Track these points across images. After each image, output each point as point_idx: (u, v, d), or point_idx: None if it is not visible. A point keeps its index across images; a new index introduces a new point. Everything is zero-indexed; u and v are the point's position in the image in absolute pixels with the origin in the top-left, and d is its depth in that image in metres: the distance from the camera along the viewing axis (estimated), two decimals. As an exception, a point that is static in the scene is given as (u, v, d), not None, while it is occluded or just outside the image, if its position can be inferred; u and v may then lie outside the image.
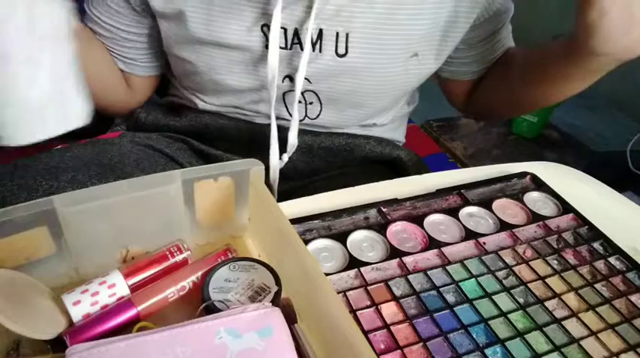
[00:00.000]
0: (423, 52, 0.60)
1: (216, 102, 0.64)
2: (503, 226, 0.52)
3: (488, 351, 0.39)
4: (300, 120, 0.63)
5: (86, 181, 0.54)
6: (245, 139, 0.66)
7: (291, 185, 0.69)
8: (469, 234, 0.50)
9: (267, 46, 0.55)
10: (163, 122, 0.69)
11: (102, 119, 1.12)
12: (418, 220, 0.51)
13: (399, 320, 0.41)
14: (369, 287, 0.44)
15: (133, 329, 0.36)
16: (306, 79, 0.58)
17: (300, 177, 0.69)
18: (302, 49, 0.55)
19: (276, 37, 0.53)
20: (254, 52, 0.56)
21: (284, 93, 0.61)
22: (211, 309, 0.37)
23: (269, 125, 0.59)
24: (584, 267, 0.48)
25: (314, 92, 0.60)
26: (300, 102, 0.61)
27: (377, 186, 0.58)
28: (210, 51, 0.57)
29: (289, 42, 0.56)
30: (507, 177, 0.59)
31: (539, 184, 0.59)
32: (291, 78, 0.59)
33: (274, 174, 0.61)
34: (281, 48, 0.56)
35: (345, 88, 0.60)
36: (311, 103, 0.62)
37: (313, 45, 0.56)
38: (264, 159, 0.50)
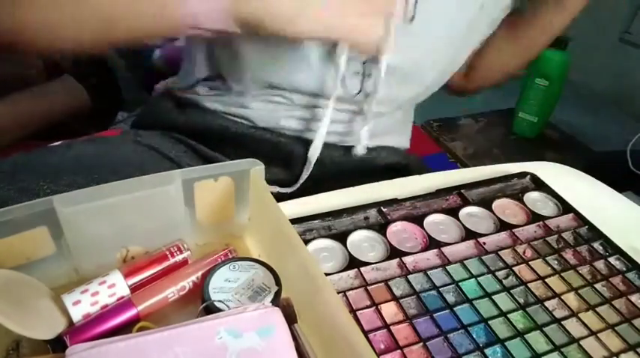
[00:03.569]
0: (487, 2, 0.60)
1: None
2: (503, 226, 0.52)
3: (488, 351, 0.39)
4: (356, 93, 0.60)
5: (87, 185, 0.54)
6: (250, 146, 0.63)
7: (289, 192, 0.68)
8: (469, 234, 0.50)
9: None
10: (167, 119, 0.66)
11: (102, 114, 1.10)
12: (418, 220, 0.51)
13: (399, 320, 0.41)
14: (369, 287, 0.44)
15: (133, 329, 0.36)
16: None
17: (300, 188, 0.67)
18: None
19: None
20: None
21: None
22: (211, 309, 0.37)
23: (276, 136, 0.59)
24: (584, 267, 0.48)
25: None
26: (357, 73, 0.59)
27: (377, 186, 0.58)
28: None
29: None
30: (507, 177, 0.59)
31: (539, 184, 0.59)
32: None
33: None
34: None
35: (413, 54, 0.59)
36: (369, 75, 0.59)
37: None
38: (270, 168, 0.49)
